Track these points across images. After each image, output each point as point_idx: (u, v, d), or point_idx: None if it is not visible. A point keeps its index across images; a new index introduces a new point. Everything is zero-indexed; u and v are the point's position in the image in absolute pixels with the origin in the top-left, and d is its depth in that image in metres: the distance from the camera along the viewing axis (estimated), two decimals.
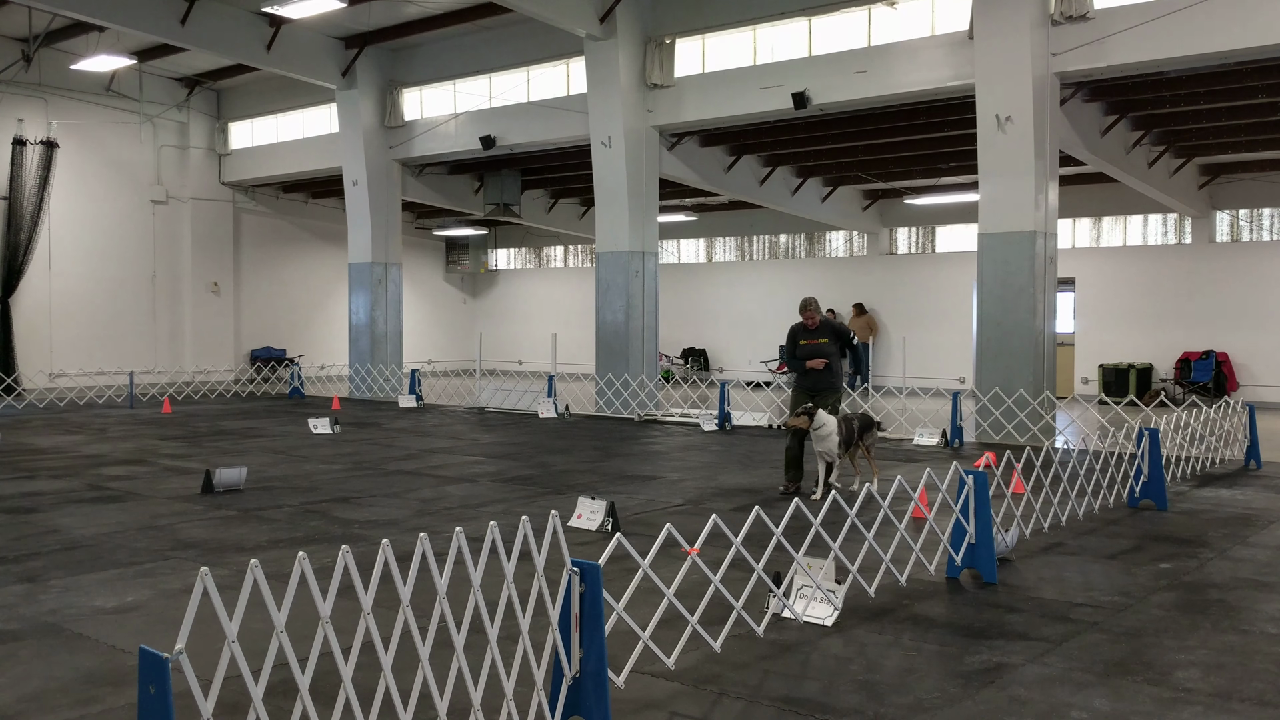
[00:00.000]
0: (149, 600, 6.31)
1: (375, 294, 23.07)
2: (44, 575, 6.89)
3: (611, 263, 18.75)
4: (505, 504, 9.62)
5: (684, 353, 28.40)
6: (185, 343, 26.16)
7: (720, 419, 16.33)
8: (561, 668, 4.21)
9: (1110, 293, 22.50)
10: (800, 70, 16.66)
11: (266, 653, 3.40)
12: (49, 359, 23.58)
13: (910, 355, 19.21)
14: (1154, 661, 5.20)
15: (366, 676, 4.43)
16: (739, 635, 5.49)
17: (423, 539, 3.74)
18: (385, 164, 22.79)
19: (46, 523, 8.70)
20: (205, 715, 3.00)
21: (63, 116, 23.52)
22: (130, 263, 25.17)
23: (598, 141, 18.43)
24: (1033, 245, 14.40)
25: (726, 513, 8.91)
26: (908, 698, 4.69)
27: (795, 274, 27.06)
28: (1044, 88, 14.34)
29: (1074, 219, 23.04)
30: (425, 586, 5.87)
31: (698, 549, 5.15)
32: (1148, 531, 8.46)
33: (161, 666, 2.92)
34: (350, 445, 14.11)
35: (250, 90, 25.59)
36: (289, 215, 28.51)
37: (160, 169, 25.64)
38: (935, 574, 6.88)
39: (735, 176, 21.72)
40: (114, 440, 14.65)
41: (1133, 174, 18.44)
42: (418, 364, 28.17)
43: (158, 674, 2.92)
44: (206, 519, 8.87)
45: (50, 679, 4.92)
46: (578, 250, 31.79)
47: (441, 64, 21.71)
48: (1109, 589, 6.61)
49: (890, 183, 23.52)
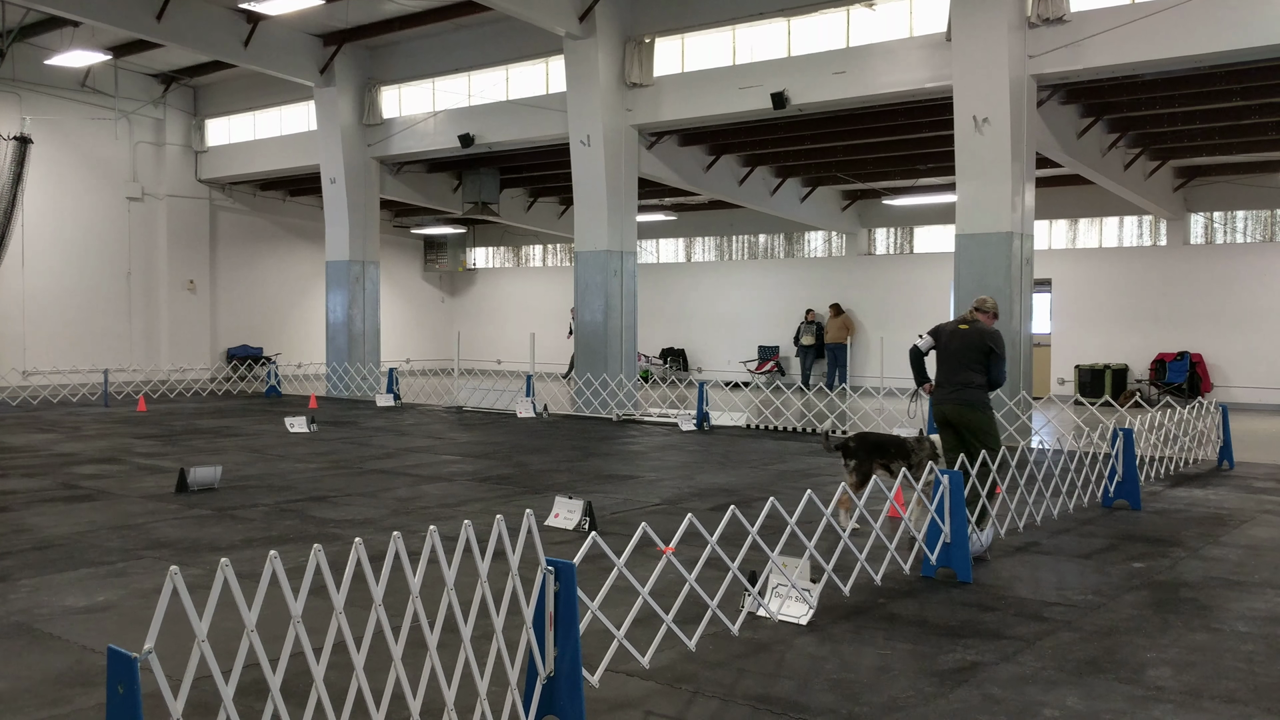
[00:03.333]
0: (121, 600, 6.26)
1: (353, 292, 22.97)
2: (14, 575, 6.83)
3: (590, 262, 18.73)
4: (482, 503, 9.60)
5: (663, 353, 28.41)
6: (161, 341, 25.97)
7: (699, 419, 16.34)
8: (536, 667, 4.20)
9: (1086, 294, 22.64)
10: (779, 70, 16.69)
11: (237, 652, 3.37)
12: (22, 357, 23.36)
13: (887, 355, 19.26)
14: (1126, 660, 5.24)
15: (339, 676, 4.40)
16: (714, 634, 5.49)
17: (396, 538, 3.72)
18: (363, 162, 22.70)
19: (17, 522, 8.62)
20: (175, 715, 2.98)
21: (37, 112, 23.30)
22: (105, 260, 24.97)
23: (577, 140, 18.40)
24: (1009, 246, 14.48)
25: (703, 512, 8.92)
26: (882, 696, 4.70)
27: (774, 274, 27.11)
28: (1021, 89, 14.41)
29: (1050, 220, 23.16)
30: (399, 586, 5.85)
31: (673, 548, 5.15)
32: (1121, 531, 8.52)
33: (130, 666, 2.89)
34: (327, 444, 14.05)
35: (227, 87, 25.42)
36: (266, 213, 28.35)
37: (136, 166, 25.44)
38: (910, 573, 6.91)
39: (714, 176, 21.74)
40: (87, 439, 14.53)
41: (1109, 176, 18.56)
42: (395, 363, 28.07)
43: (126, 674, 2.90)
44: (180, 518, 8.81)
45: (19, 679, 4.87)
46: (556, 249, 31.75)
47: (420, 62, 21.63)
48: (1082, 588, 6.65)
49: (869, 183, 23.59)
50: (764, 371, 26.32)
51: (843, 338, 24.56)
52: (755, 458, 12.92)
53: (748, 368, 26.63)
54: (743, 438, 15.09)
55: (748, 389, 24.01)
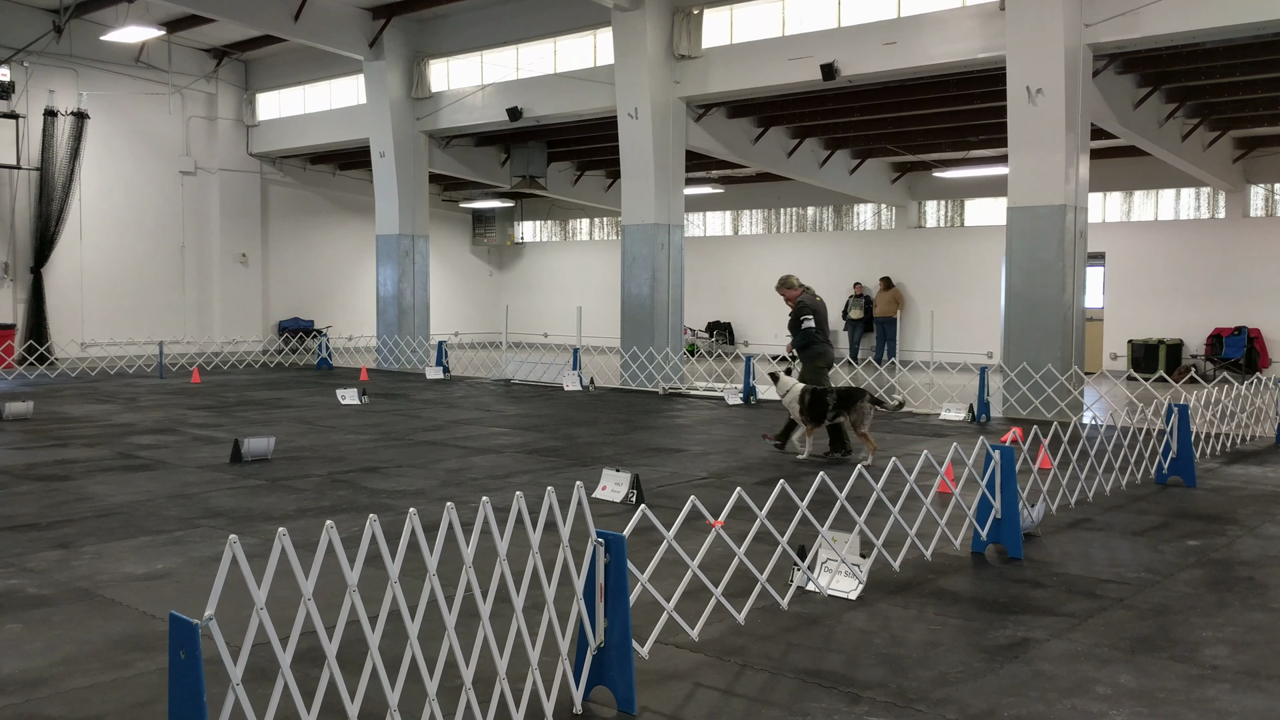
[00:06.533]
0: (179, 567, 6.38)
1: (403, 266, 23.13)
2: (76, 542, 6.99)
3: (637, 235, 18.70)
4: (530, 475, 9.66)
5: (709, 326, 28.36)
6: (214, 313, 26.34)
7: (745, 393, 16.31)
8: (586, 638, 4.24)
9: (1141, 267, 22.26)
10: (829, 41, 16.50)
11: (294, 620, 3.44)
12: (80, 329, 23.82)
13: (937, 330, 19.09)
14: (1181, 638, 5.18)
15: (393, 644, 4.47)
16: (763, 608, 5.50)
17: (449, 509, 3.76)
18: (412, 135, 22.79)
19: (78, 490, 8.82)
20: (234, 680, 3.04)
21: (93, 88, 23.63)
22: (159, 234, 25.34)
23: (624, 113, 18.35)
24: (1062, 219, 14.26)
25: (751, 486, 8.91)
26: (931, 671, 4.69)
27: (822, 247, 26.92)
28: (1076, 59, 14.14)
29: (1104, 193, 22.77)
30: (451, 556, 5.92)
31: (722, 521, 5.16)
32: (1176, 508, 8.40)
33: (191, 632, 2.95)
34: (378, 416, 14.20)
35: (278, 61, 25.63)
36: (316, 186, 28.59)
37: (189, 140, 25.74)
38: (960, 549, 6.87)
39: (763, 148, 21.59)
40: (144, 409, 14.80)
41: (1166, 147, 18.20)
42: (444, 336, 28.26)
43: (188, 640, 2.96)
44: (235, 488, 8.96)
45: (83, 643, 5.00)
46: (603, 223, 31.74)
47: (468, 35, 21.65)
48: (1136, 565, 6.58)
49: (919, 155, 23.32)
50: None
51: (892, 311, 24.36)
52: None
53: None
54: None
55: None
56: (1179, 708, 4.32)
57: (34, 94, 22.72)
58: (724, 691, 4.49)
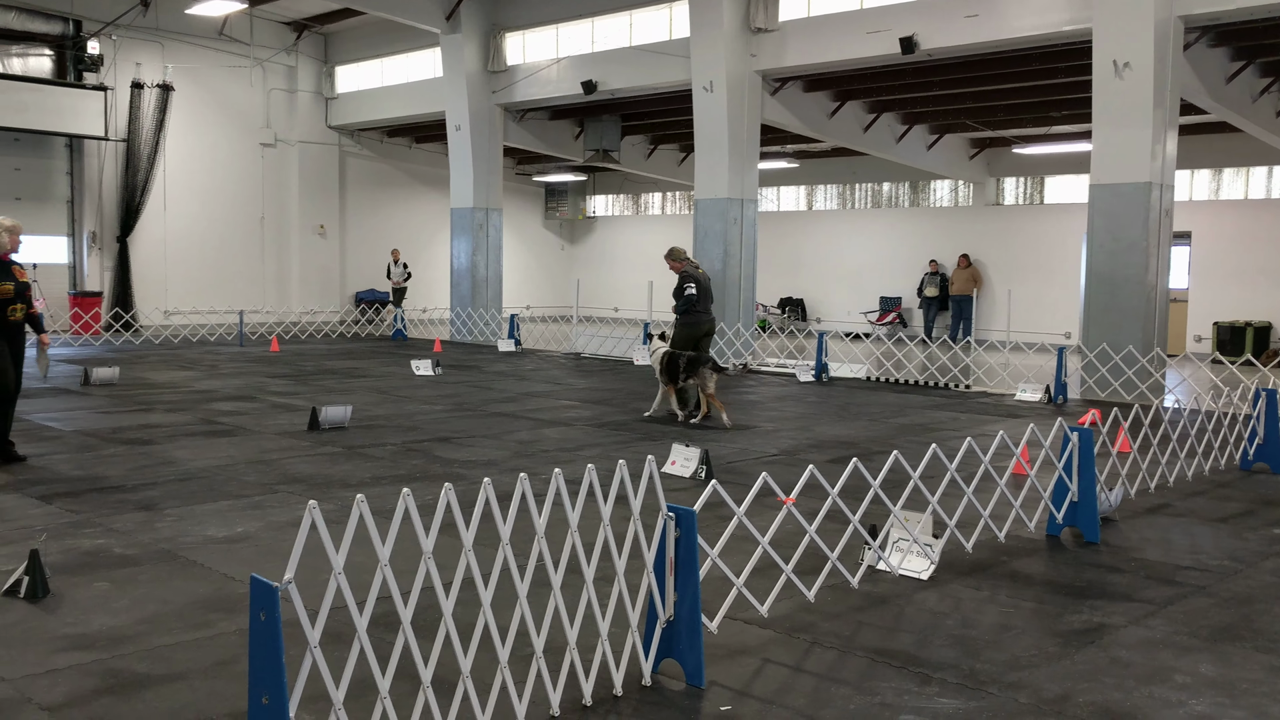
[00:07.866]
0: (258, 531, 6.53)
1: (476, 239, 23.30)
2: (160, 504, 7.18)
3: (710, 210, 18.62)
4: (600, 448, 9.71)
5: (781, 302, 28.18)
6: (292, 283, 26.80)
7: (817, 370, 16.19)
8: (656, 611, 4.26)
9: (1229, 248, 21.60)
10: (908, 14, 16.22)
11: (370, 585, 3.50)
12: (164, 297, 24.40)
13: (1015, 309, 18.73)
14: (1265, 629, 5.05)
15: (466, 612, 4.53)
16: (833, 586, 5.48)
17: (523, 479, 3.79)
18: (488, 109, 22.89)
19: (162, 454, 9.05)
20: (312, 643, 3.10)
21: (178, 61, 24.10)
22: (240, 204, 25.82)
23: (699, 86, 18.23)
24: (1147, 197, 13.88)
25: (822, 464, 8.86)
26: (1004, 654, 4.63)
27: (898, 223, 26.56)
28: (1166, 32, 13.72)
29: (1192, 170, 22.12)
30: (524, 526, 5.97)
31: (794, 499, 5.14)
32: (1261, 495, 8.18)
33: (271, 595, 3.02)
34: (451, 387, 14.36)
35: (356, 34, 25.90)
36: (393, 159, 28.89)
37: (269, 112, 26.15)
38: (1035, 531, 6.76)
39: (838, 123, 21.33)
40: (224, 376, 15.14)
41: (1259, 124, 17.60)
42: (516, 309, 28.45)
43: (268, 602, 3.03)
44: (313, 455, 9.13)
45: (166, 603, 5.14)
46: (675, 197, 31.64)
47: (544, 8, 21.65)
48: (1217, 553, 6.43)
49: (999, 131, 22.85)
50: (885, 323, 25.91)
51: (969, 290, 23.97)
52: (875, 410, 12.76)
53: (868, 319, 26.23)
54: (862, 390, 14.91)
55: (868, 340, 23.66)
56: (1262, 699, 4.22)
57: (121, 67, 23.24)
58: (793, 668, 4.48)
